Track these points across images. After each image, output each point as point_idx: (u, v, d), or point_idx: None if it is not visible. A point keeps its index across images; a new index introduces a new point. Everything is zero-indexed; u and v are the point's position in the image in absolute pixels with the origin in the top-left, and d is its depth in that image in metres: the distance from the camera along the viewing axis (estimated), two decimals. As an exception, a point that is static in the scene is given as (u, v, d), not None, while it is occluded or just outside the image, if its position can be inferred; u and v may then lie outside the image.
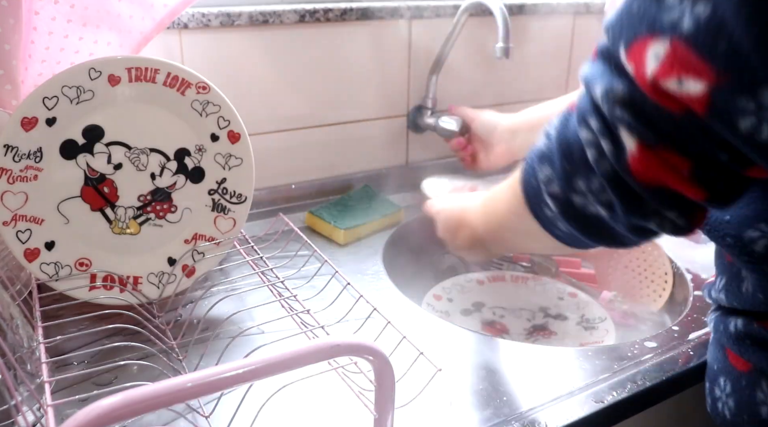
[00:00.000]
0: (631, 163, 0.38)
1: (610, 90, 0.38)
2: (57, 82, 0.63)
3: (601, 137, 0.40)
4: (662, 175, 0.38)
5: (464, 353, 0.67)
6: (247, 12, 0.90)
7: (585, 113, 0.41)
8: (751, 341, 0.53)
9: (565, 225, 0.46)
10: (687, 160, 0.37)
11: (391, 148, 1.12)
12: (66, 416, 0.51)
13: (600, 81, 0.39)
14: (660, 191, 0.39)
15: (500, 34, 0.90)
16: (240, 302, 0.73)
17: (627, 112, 0.37)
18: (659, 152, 0.38)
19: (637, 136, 0.38)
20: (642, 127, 0.37)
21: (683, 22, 0.33)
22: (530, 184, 0.48)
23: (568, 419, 0.56)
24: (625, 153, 0.39)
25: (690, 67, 0.34)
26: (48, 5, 0.68)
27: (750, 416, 0.53)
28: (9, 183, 0.64)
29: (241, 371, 0.38)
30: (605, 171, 0.40)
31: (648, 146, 0.38)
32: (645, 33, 0.35)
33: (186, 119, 0.70)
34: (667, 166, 0.38)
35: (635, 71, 0.36)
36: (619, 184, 0.40)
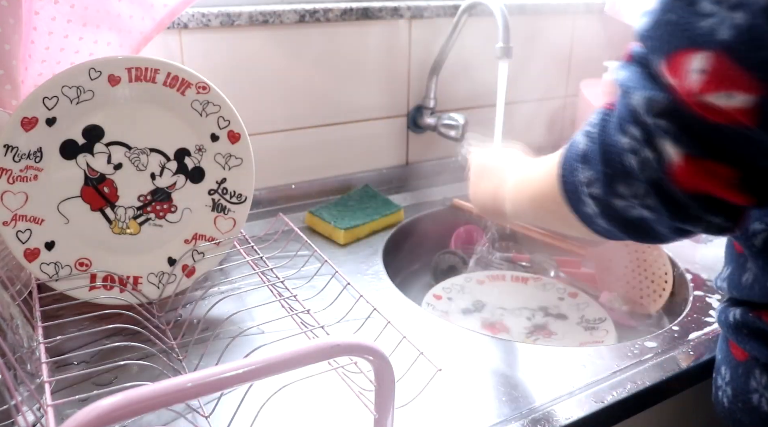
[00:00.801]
0: (675, 173, 0.39)
1: (651, 100, 0.38)
2: (57, 82, 0.63)
3: (641, 146, 0.40)
4: (707, 184, 0.38)
5: (464, 353, 0.67)
6: (247, 12, 0.90)
7: (624, 120, 0.41)
8: (747, 331, 0.54)
9: (604, 223, 0.47)
10: (733, 169, 0.37)
11: (391, 148, 1.12)
12: (66, 416, 0.51)
13: (639, 89, 0.39)
14: (705, 199, 0.39)
15: (500, 34, 0.90)
16: (240, 302, 0.73)
17: (669, 123, 0.37)
18: (704, 162, 0.38)
19: (680, 147, 0.38)
20: (686, 138, 0.37)
21: (721, 31, 0.33)
22: (570, 182, 0.48)
23: (568, 419, 0.56)
24: (668, 162, 0.39)
25: (734, 80, 0.34)
26: (48, 5, 0.68)
27: (744, 404, 0.55)
28: (9, 183, 0.64)
29: (241, 371, 0.38)
30: (648, 178, 0.41)
31: (692, 156, 0.38)
32: (685, 45, 0.35)
33: (186, 119, 0.70)
34: (713, 175, 0.38)
35: (678, 85, 0.36)
36: (663, 191, 0.40)
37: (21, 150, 0.64)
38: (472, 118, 1.06)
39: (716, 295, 0.79)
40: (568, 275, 0.97)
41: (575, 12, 1.24)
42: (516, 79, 1.18)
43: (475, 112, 1.16)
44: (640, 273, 0.91)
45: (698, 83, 0.35)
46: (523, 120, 1.22)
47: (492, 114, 0.96)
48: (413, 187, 1.11)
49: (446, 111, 1.07)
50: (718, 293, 0.61)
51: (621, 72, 0.42)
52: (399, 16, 1.03)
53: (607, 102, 0.45)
